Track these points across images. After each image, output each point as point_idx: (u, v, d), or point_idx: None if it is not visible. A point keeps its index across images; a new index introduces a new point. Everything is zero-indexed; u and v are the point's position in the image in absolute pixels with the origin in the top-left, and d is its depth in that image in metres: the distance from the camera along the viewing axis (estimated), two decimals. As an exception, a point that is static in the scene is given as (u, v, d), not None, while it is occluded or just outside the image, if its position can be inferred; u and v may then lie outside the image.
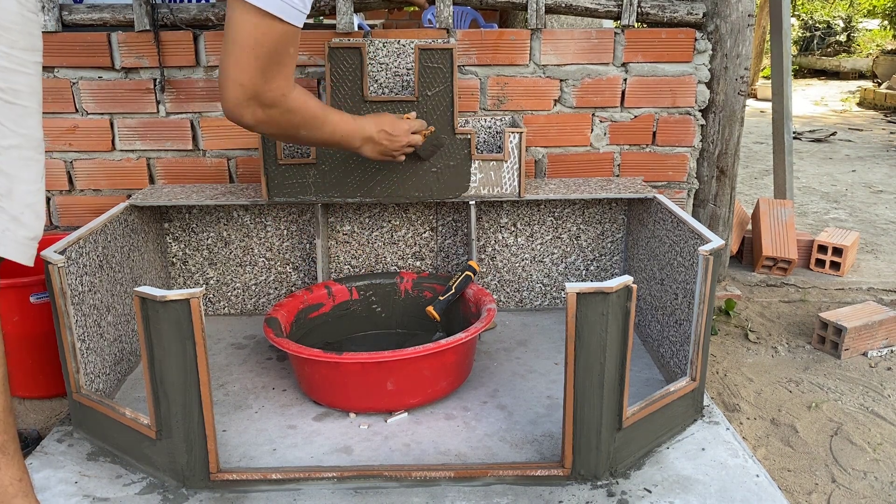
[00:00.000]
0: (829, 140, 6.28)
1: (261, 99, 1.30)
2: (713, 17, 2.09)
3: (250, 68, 1.26)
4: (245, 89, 1.28)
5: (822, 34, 13.66)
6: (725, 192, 2.26)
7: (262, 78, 1.27)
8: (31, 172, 1.14)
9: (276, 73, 1.29)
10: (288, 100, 1.34)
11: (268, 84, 1.29)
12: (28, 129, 1.13)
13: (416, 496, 1.33)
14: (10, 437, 1.15)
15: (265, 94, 1.30)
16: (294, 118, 1.39)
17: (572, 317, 1.26)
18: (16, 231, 1.11)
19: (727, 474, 1.37)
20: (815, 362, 2.19)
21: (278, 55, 1.27)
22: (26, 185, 1.13)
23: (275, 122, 1.37)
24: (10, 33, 1.06)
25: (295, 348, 1.52)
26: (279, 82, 1.30)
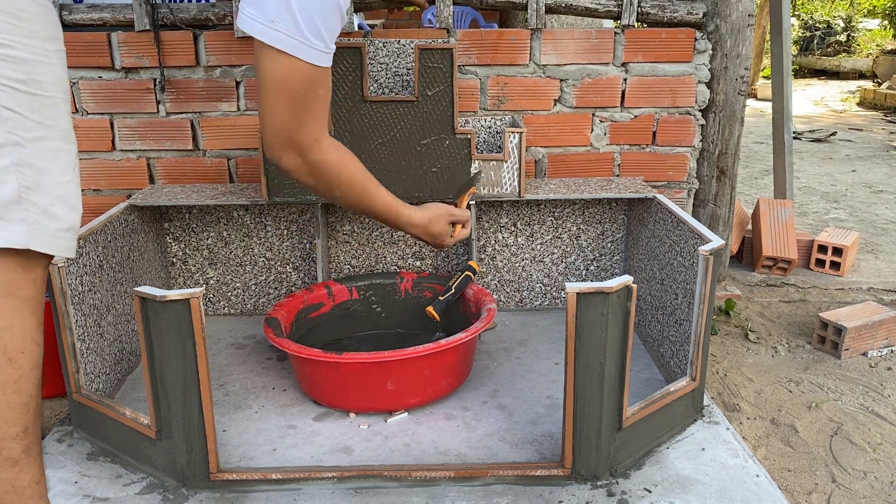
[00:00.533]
0: (829, 140, 6.28)
1: (295, 143, 1.29)
2: (713, 16, 2.09)
3: (281, 112, 1.26)
4: (279, 133, 1.28)
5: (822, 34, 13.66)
6: (725, 192, 2.26)
7: (294, 121, 1.27)
8: (60, 163, 1.13)
9: (307, 116, 1.28)
10: (321, 148, 1.32)
11: (301, 127, 1.28)
12: (54, 120, 1.11)
13: (416, 496, 1.33)
14: (36, 439, 1.16)
15: (298, 138, 1.29)
16: (327, 173, 1.36)
17: (572, 317, 1.26)
18: (47, 224, 1.11)
19: (727, 474, 1.37)
20: (815, 362, 2.19)
21: (305, 97, 1.26)
22: (57, 177, 1.12)
23: (309, 172, 1.35)
24: (27, 23, 1.05)
25: (295, 348, 1.52)
26: (311, 126, 1.29)
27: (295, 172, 1.34)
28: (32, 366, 1.13)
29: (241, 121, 2.07)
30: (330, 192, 1.41)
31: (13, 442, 1.12)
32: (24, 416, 1.12)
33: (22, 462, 1.13)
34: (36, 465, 1.15)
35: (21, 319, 1.11)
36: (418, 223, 1.56)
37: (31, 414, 1.14)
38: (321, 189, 1.40)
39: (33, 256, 1.11)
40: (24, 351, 1.11)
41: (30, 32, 1.06)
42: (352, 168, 1.40)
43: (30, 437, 1.14)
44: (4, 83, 1.02)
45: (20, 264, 1.09)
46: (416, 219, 1.55)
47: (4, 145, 1.03)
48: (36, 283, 1.13)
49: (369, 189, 1.45)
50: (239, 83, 2.04)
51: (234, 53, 2.01)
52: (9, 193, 1.04)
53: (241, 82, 2.04)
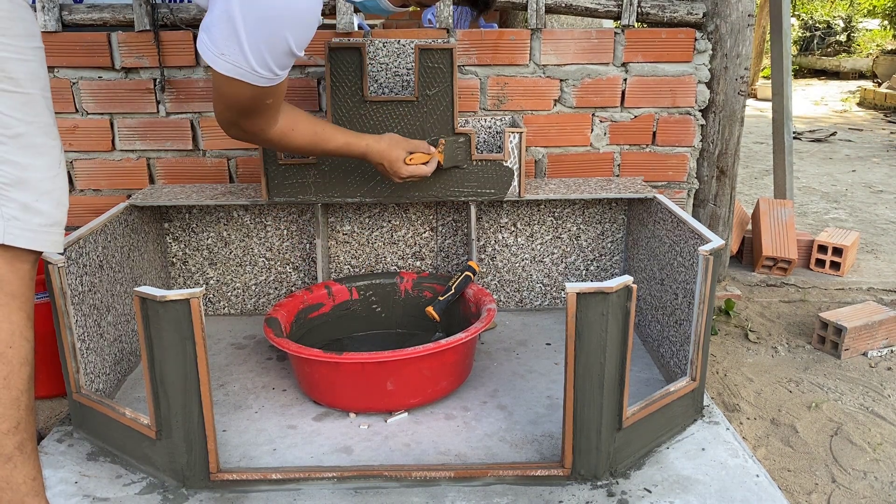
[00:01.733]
0: (829, 140, 6.28)
1: (241, 129, 1.43)
2: (713, 17, 2.09)
3: (229, 113, 1.38)
4: (226, 121, 1.40)
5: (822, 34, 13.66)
6: (725, 192, 2.26)
7: (242, 119, 1.39)
8: (44, 159, 1.13)
9: (255, 119, 1.40)
10: (267, 133, 1.46)
11: (246, 122, 1.40)
12: (34, 117, 1.11)
13: (416, 496, 1.33)
14: (30, 435, 1.15)
15: (244, 127, 1.42)
16: (276, 145, 1.53)
17: (572, 317, 1.26)
18: (28, 220, 1.11)
19: (727, 474, 1.37)
20: (815, 362, 2.19)
21: (254, 108, 1.37)
22: (41, 173, 1.12)
23: (257, 142, 1.52)
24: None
25: (295, 348, 1.52)
26: (258, 121, 1.41)
27: (243, 140, 1.50)
28: (22, 361, 1.13)
29: (241, 121, 2.07)
30: (282, 149, 1.58)
31: (5, 437, 1.11)
32: (15, 411, 1.12)
33: (16, 458, 1.13)
34: (31, 461, 1.15)
35: (8, 315, 1.11)
36: (376, 149, 1.66)
37: (23, 410, 1.13)
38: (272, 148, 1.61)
39: (19, 252, 1.11)
40: (13, 346, 1.11)
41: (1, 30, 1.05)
42: (298, 133, 1.52)
43: (22, 433, 1.13)
44: None
45: (6, 260, 1.09)
46: (374, 147, 1.66)
47: None
48: (23, 279, 1.13)
49: (322, 139, 1.58)
50: (239, 83, 2.04)
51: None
52: None
53: (241, 82, 2.03)
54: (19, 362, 1.13)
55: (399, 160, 1.68)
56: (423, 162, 1.72)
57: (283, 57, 1.27)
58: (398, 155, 1.68)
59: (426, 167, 1.72)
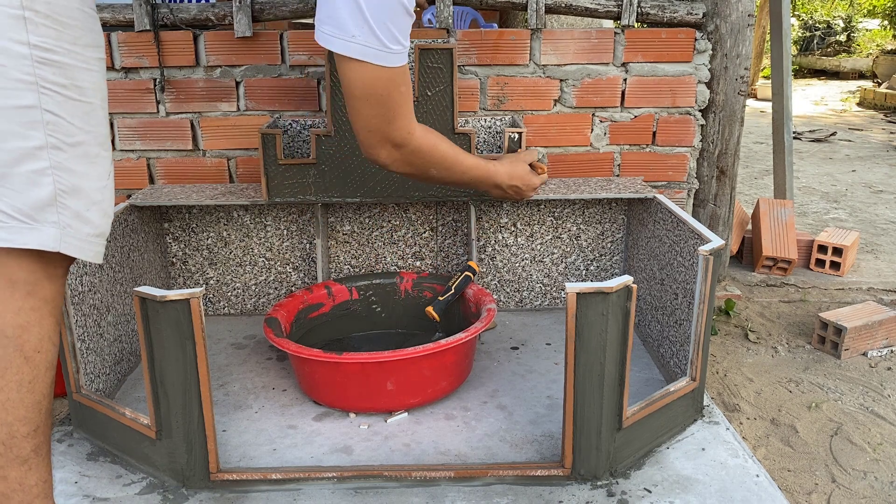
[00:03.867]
0: (829, 140, 6.28)
1: (389, 139, 1.41)
2: (713, 17, 2.09)
3: (370, 116, 1.37)
4: (373, 134, 1.39)
5: (822, 34, 13.67)
6: (725, 192, 2.26)
7: (384, 121, 1.38)
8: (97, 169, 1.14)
9: (395, 114, 1.38)
10: (414, 138, 1.44)
11: (391, 125, 1.39)
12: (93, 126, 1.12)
13: (416, 496, 1.33)
14: (46, 439, 1.16)
15: (392, 135, 1.40)
16: (424, 157, 1.49)
17: (572, 317, 1.26)
18: (79, 228, 1.11)
19: (727, 474, 1.37)
20: (815, 362, 2.19)
21: (391, 97, 1.35)
22: (93, 182, 1.13)
23: (407, 162, 1.47)
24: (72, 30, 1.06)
25: (295, 348, 1.52)
26: (401, 122, 1.40)
27: (393, 165, 1.47)
28: (48, 366, 1.14)
29: (241, 121, 2.07)
30: (427, 175, 1.54)
31: (24, 440, 1.12)
32: (36, 415, 1.13)
33: (32, 461, 1.13)
34: (44, 464, 1.16)
35: (40, 319, 1.11)
36: (504, 172, 1.67)
37: (43, 413, 1.14)
38: (418, 174, 1.53)
39: (58, 259, 1.12)
40: (41, 351, 1.12)
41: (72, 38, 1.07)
42: (443, 147, 1.52)
43: (40, 436, 1.14)
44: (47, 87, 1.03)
45: (44, 265, 1.10)
46: (501, 169, 1.67)
47: (44, 148, 1.04)
48: (56, 285, 1.14)
49: (459, 160, 1.58)
50: (239, 83, 2.04)
51: (234, 53, 2.01)
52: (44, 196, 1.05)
53: (240, 82, 2.04)
54: (45, 367, 1.13)
55: (529, 173, 1.73)
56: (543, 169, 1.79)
57: (402, 19, 1.30)
58: (525, 169, 1.73)
59: (545, 174, 1.81)
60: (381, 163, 1.45)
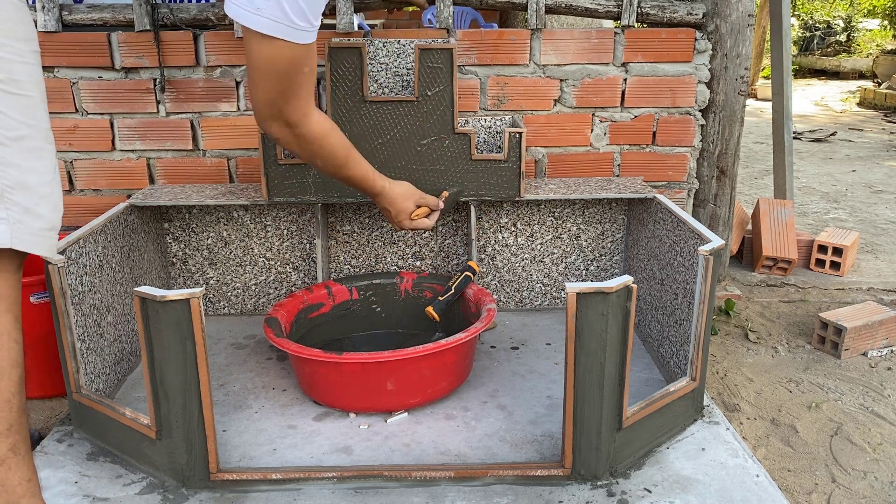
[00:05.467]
0: (829, 140, 6.28)
1: (283, 117, 1.38)
2: (713, 17, 2.09)
3: (269, 90, 1.34)
4: (269, 107, 1.37)
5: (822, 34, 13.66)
6: (725, 192, 2.26)
7: (282, 98, 1.35)
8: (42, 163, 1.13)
9: (294, 93, 1.36)
10: (308, 122, 1.42)
11: (288, 104, 1.37)
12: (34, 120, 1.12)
13: (416, 496, 1.33)
14: (23, 437, 1.15)
15: (286, 113, 1.38)
16: (312, 146, 1.46)
17: (572, 317, 1.26)
18: (30, 223, 1.11)
19: (727, 474, 1.37)
20: (815, 362, 2.19)
21: (292, 75, 1.33)
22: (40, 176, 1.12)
23: (297, 144, 1.45)
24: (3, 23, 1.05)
25: (295, 348, 1.52)
26: (297, 103, 1.38)
27: (282, 141, 1.44)
28: (12, 363, 1.12)
29: (241, 121, 2.07)
30: (312, 160, 1.52)
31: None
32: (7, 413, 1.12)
33: (10, 461, 1.13)
34: (25, 463, 1.15)
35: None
36: (390, 195, 1.66)
37: (15, 412, 1.13)
38: (304, 156, 1.51)
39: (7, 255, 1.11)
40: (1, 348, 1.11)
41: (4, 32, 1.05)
42: (334, 143, 1.49)
43: (15, 434, 1.13)
44: None
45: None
46: (389, 191, 1.65)
47: None
48: (9, 281, 1.13)
49: (350, 161, 1.54)
50: (239, 83, 2.04)
51: (234, 53, 2.01)
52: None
53: (241, 82, 2.04)
54: (9, 364, 1.12)
55: (406, 212, 1.70)
56: (425, 215, 1.74)
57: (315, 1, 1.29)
58: (406, 207, 1.70)
59: (428, 221, 1.74)
60: (271, 136, 1.44)
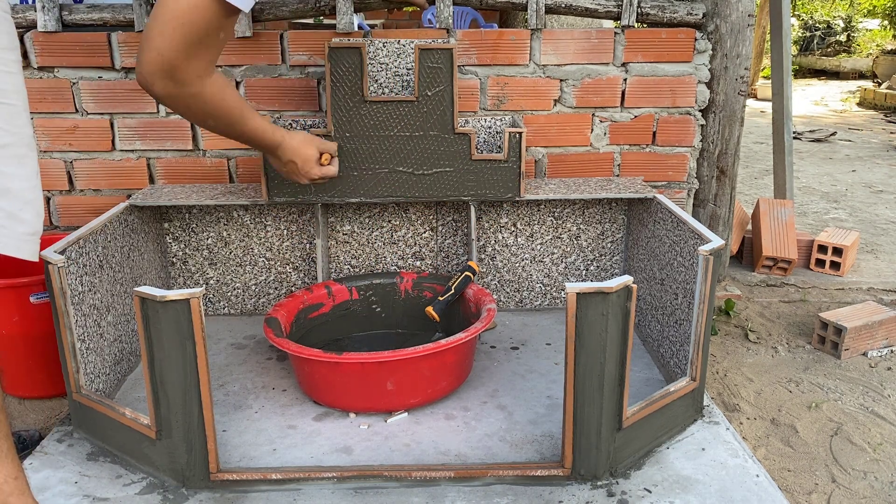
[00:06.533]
0: (829, 140, 6.28)
1: (175, 74, 1.25)
2: (713, 17, 2.09)
3: (174, 41, 1.21)
4: (163, 60, 1.23)
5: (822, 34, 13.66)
6: (725, 192, 2.26)
7: (184, 54, 1.23)
8: (26, 169, 1.14)
9: (199, 54, 1.25)
10: (203, 83, 1.31)
11: (188, 62, 1.25)
12: (17, 128, 1.13)
13: (416, 496, 1.33)
14: (3, 435, 1.15)
15: (181, 71, 1.25)
16: (205, 106, 1.35)
17: (572, 317, 1.26)
18: (14, 228, 1.12)
19: (727, 474, 1.37)
20: (815, 362, 2.19)
21: (206, 36, 1.23)
22: (23, 182, 1.13)
23: (183, 103, 1.33)
24: None
25: (295, 348, 1.52)
26: (199, 64, 1.26)
27: (167, 100, 1.31)
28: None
29: (241, 121, 2.07)
30: (202, 122, 1.43)
31: None
32: None
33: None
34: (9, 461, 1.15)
35: None
36: (290, 145, 1.58)
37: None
38: (192, 118, 1.41)
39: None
40: None
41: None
42: (229, 101, 1.39)
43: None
44: None
45: None
46: (289, 141, 1.57)
47: None
48: None
49: (246, 116, 1.45)
50: (239, 83, 2.04)
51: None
52: None
53: (241, 82, 2.04)
54: None
55: (312, 160, 1.63)
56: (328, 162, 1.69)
57: None
58: (311, 154, 1.63)
59: (334, 167, 1.70)
60: (154, 93, 1.28)
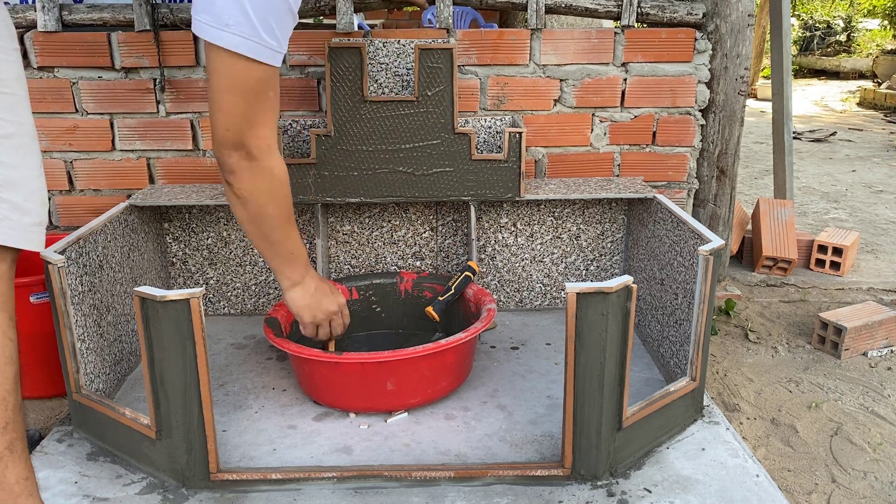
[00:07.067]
0: (829, 140, 6.28)
1: (246, 144, 1.29)
2: (713, 16, 2.09)
3: (234, 112, 1.27)
4: (231, 133, 1.28)
5: (822, 34, 13.66)
6: (725, 192, 2.26)
7: (247, 121, 1.28)
8: (29, 160, 1.14)
9: (259, 119, 1.29)
10: (270, 156, 1.33)
11: (252, 129, 1.29)
12: (20, 117, 1.12)
13: (416, 496, 1.33)
14: (19, 435, 1.15)
15: (250, 140, 1.29)
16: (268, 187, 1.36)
17: (572, 317, 1.26)
18: (19, 219, 1.11)
19: (727, 474, 1.37)
20: (815, 362, 2.19)
21: (258, 98, 1.27)
22: (27, 172, 1.13)
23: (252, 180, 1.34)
24: None
25: (295, 348, 1.52)
26: (264, 130, 1.30)
27: (237, 175, 1.32)
28: (6, 361, 1.13)
29: (241, 121, 2.07)
30: (262, 208, 1.38)
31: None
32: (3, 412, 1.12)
33: (6, 459, 1.13)
34: (22, 462, 1.15)
35: None
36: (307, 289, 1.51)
37: (11, 410, 1.13)
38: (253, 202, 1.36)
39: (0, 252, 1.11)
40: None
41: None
42: (288, 191, 1.41)
43: (11, 433, 1.13)
44: None
45: None
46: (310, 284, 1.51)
47: None
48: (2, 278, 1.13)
49: (290, 224, 1.44)
50: (239, 83, 2.04)
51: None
52: None
53: (241, 82, 2.03)
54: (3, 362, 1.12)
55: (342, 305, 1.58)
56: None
57: (285, 18, 1.26)
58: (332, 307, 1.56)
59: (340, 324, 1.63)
60: (227, 167, 1.32)
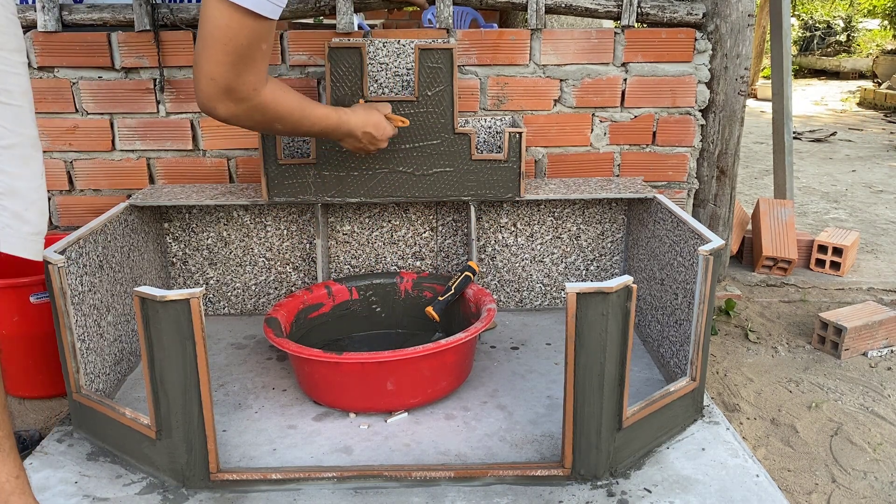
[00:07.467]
0: (829, 140, 6.28)
1: (232, 94, 1.31)
2: (713, 17, 2.09)
3: (222, 63, 1.26)
4: (217, 83, 1.29)
5: (822, 34, 13.67)
6: (725, 192, 2.26)
7: (234, 72, 1.28)
8: (31, 170, 1.15)
9: (248, 69, 1.29)
10: (260, 94, 1.35)
11: (239, 79, 1.29)
12: (24, 128, 1.14)
13: (416, 496, 1.33)
14: (6, 434, 1.15)
15: (237, 89, 1.30)
16: (267, 114, 1.40)
17: (572, 317, 1.26)
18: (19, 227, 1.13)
19: (727, 474, 1.37)
20: (815, 362, 2.19)
21: (251, 50, 1.27)
22: (28, 182, 1.14)
23: (247, 117, 1.38)
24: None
25: (295, 348, 1.52)
26: (250, 77, 1.31)
27: (233, 120, 1.36)
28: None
29: (241, 121, 2.07)
30: (270, 128, 1.47)
31: None
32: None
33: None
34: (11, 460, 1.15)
35: None
36: (354, 121, 1.59)
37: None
38: (261, 128, 1.47)
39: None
40: None
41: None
42: (289, 101, 1.43)
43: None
44: None
45: None
46: (354, 119, 1.60)
47: None
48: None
49: (307, 112, 1.49)
50: (239, 83, 2.04)
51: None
52: None
53: (241, 82, 2.04)
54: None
55: (383, 121, 1.66)
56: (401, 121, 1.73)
57: None
58: (380, 117, 1.66)
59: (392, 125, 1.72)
60: (218, 116, 1.34)
